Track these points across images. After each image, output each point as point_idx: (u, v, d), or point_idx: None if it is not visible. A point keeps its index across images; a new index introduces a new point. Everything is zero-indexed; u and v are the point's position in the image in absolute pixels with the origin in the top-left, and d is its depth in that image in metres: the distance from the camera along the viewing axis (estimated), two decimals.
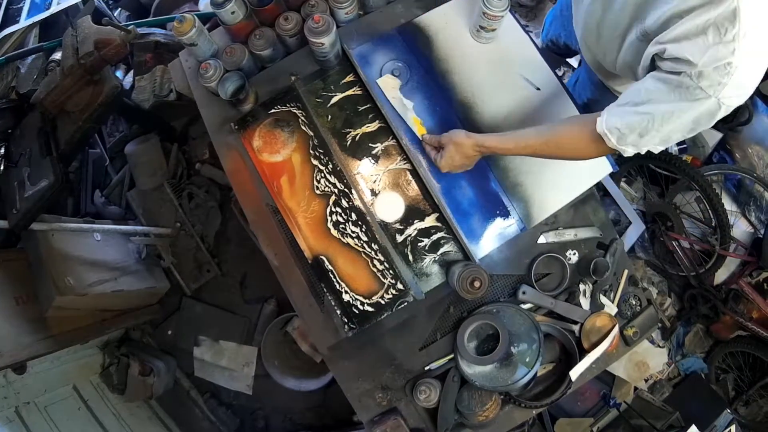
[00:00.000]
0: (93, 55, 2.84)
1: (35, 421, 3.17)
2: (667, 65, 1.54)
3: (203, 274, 4.17)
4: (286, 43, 2.33)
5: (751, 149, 3.72)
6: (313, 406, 4.09)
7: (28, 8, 3.60)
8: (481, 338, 2.16)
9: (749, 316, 3.69)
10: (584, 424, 3.65)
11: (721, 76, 1.42)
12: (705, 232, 3.73)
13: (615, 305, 2.31)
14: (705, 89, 1.46)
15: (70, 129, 3.07)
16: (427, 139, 2.14)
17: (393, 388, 2.25)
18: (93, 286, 3.33)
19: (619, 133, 1.66)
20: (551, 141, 1.86)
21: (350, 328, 2.12)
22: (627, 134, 1.65)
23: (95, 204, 4.34)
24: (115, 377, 3.93)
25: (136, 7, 4.36)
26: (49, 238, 3.22)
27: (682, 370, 4.02)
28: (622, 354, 2.39)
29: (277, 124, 2.25)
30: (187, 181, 4.23)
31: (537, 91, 2.27)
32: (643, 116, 1.60)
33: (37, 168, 2.98)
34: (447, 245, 2.18)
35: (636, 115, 1.62)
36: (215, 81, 2.21)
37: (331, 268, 2.15)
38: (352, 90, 2.29)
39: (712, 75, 1.43)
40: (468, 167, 2.10)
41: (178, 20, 2.15)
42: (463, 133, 1.99)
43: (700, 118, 1.54)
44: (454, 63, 2.30)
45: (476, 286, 1.99)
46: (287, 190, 2.21)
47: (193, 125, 4.30)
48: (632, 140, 1.66)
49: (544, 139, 1.87)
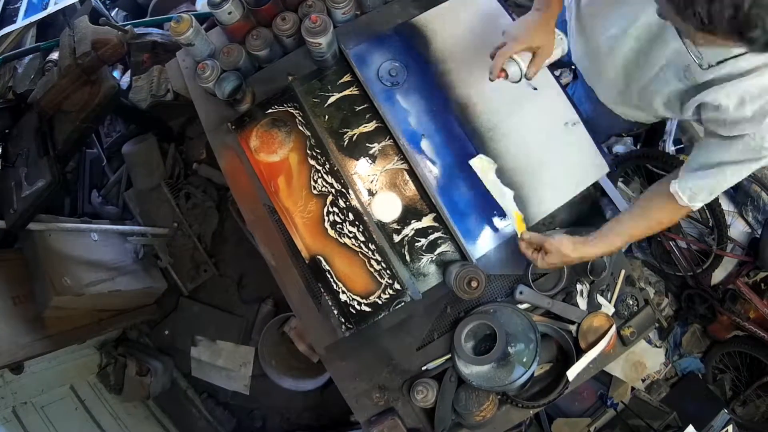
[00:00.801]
0: (90, 55, 2.84)
1: (32, 421, 3.18)
2: (718, 117, 1.63)
3: (200, 274, 4.17)
4: (283, 43, 2.33)
5: None
6: (310, 406, 4.09)
7: (25, 8, 3.59)
8: (478, 338, 2.16)
9: (746, 316, 3.70)
10: (581, 424, 3.65)
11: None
12: (702, 232, 3.74)
13: (612, 305, 2.30)
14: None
15: (68, 129, 3.07)
16: (526, 239, 2.09)
17: (390, 388, 2.24)
18: (90, 286, 3.33)
19: (691, 193, 1.80)
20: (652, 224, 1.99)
21: (347, 328, 2.12)
22: (698, 193, 1.80)
23: (92, 204, 4.34)
24: (113, 377, 3.93)
25: (134, 7, 4.37)
26: (47, 238, 3.23)
27: (680, 370, 4.03)
28: (620, 354, 2.38)
29: (274, 124, 2.25)
30: (185, 181, 4.23)
31: (534, 91, 2.27)
32: (715, 177, 1.74)
33: (34, 168, 2.98)
34: (444, 245, 2.18)
35: (708, 177, 1.76)
36: (212, 81, 2.21)
37: (328, 268, 2.15)
38: (350, 90, 2.29)
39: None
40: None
41: (175, 20, 2.14)
42: (569, 244, 1.99)
43: (759, 167, 1.68)
44: (451, 63, 2.30)
45: (473, 286, 1.99)
46: (284, 190, 2.20)
47: (190, 125, 4.30)
48: (702, 198, 1.80)
49: (645, 224, 1.99)
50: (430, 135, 2.23)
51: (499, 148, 2.23)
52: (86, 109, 3.03)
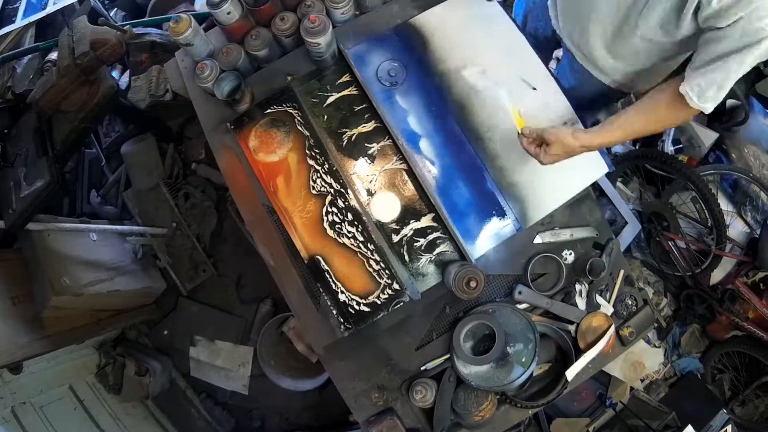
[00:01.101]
0: (89, 55, 2.84)
1: (31, 422, 3.18)
2: (713, 9, 1.65)
3: (199, 274, 4.17)
4: (282, 43, 2.33)
5: (747, 149, 3.72)
6: (309, 406, 4.09)
7: (24, 8, 3.60)
8: (477, 338, 2.16)
9: (745, 316, 3.69)
10: (580, 424, 3.65)
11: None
12: (701, 232, 3.74)
13: (611, 305, 2.31)
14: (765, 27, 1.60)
15: (66, 129, 3.07)
16: (527, 134, 2.08)
17: (389, 388, 2.25)
18: (89, 286, 3.33)
19: (699, 89, 1.79)
20: (652, 119, 1.97)
21: (346, 328, 2.12)
22: (706, 90, 1.78)
23: (91, 204, 4.34)
24: (111, 377, 3.92)
25: (132, 7, 4.36)
26: (45, 238, 3.22)
27: (678, 370, 4.02)
28: (618, 354, 2.39)
29: (273, 124, 2.25)
30: (183, 181, 4.23)
31: (533, 91, 2.27)
32: (721, 71, 1.74)
33: (33, 168, 2.98)
34: (443, 245, 2.18)
35: (715, 72, 1.75)
36: (211, 81, 2.21)
37: (327, 268, 2.15)
38: (348, 90, 2.28)
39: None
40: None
41: (174, 20, 2.14)
42: (569, 133, 1.98)
43: (761, 55, 1.68)
44: (450, 63, 2.30)
45: (472, 286, 1.99)
46: (283, 190, 2.21)
47: (189, 125, 4.29)
48: (711, 94, 1.79)
49: (646, 118, 1.96)
50: (428, 135, 2.23)
51: (498, 148, 2.24)
52: (85, 109, 3.03)
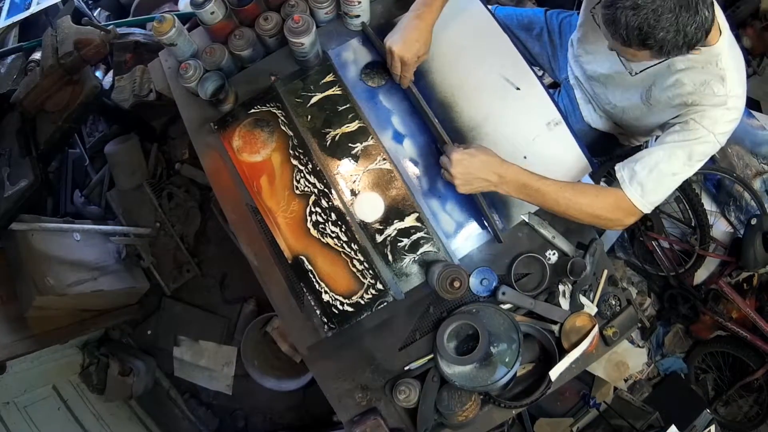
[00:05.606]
0: (73, 55, 2.82)
1: (15, 421, 3.16)
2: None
3: (183, 274, 4.16)
4: (266, 43, 2.33)
5: (731, 149, 3.74)
6: (292, 406, 4.09)
7: (7, 8, 3.59)
8: (460, 338, 2.16)
9: (729, 316, 3.72)
10: (564, 424, 3.67)
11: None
12: (684, 232, 3.76)
13: (595, 305, 2.31)
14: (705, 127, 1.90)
15: (50, 129, 3.05)
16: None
17: (372, 388, 2.24)
18: (73, 286, 3.32)
19: (638, 186, 2.01)
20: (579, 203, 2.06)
21: (330, 328, 2.12)
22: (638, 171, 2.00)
23: (75, 204, 4.32)
24: (95, 377, 3.90)
25: (116, 7, 4.34)
26: (29, 238, 3.20)
27: (662, 370, 4.05)
28: (602, 354, 2.39)
29: (256, 124, 2.25)
30: (167, 181, 4.22)
31: (517, 90, 2.28)
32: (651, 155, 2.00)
33: (16, 168, 2.96)
34: (427, 245, 2.18)
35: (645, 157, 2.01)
36: (195, 81, 2.20)
37: (310, 268, 2.15)
38: (332, 90, 2.28)
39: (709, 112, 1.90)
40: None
41: (158, 20, 2.14)
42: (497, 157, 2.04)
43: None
44: (433, 63, 2.31)
45: (456, 286, 1.99)
46: (267, 190, 2.20)
47: (172, 125, 4.28)
48: (651, 188, 2.00)
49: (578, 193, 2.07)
50: (412, 135, 2.24)
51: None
52: (68, 109, 3.02)
